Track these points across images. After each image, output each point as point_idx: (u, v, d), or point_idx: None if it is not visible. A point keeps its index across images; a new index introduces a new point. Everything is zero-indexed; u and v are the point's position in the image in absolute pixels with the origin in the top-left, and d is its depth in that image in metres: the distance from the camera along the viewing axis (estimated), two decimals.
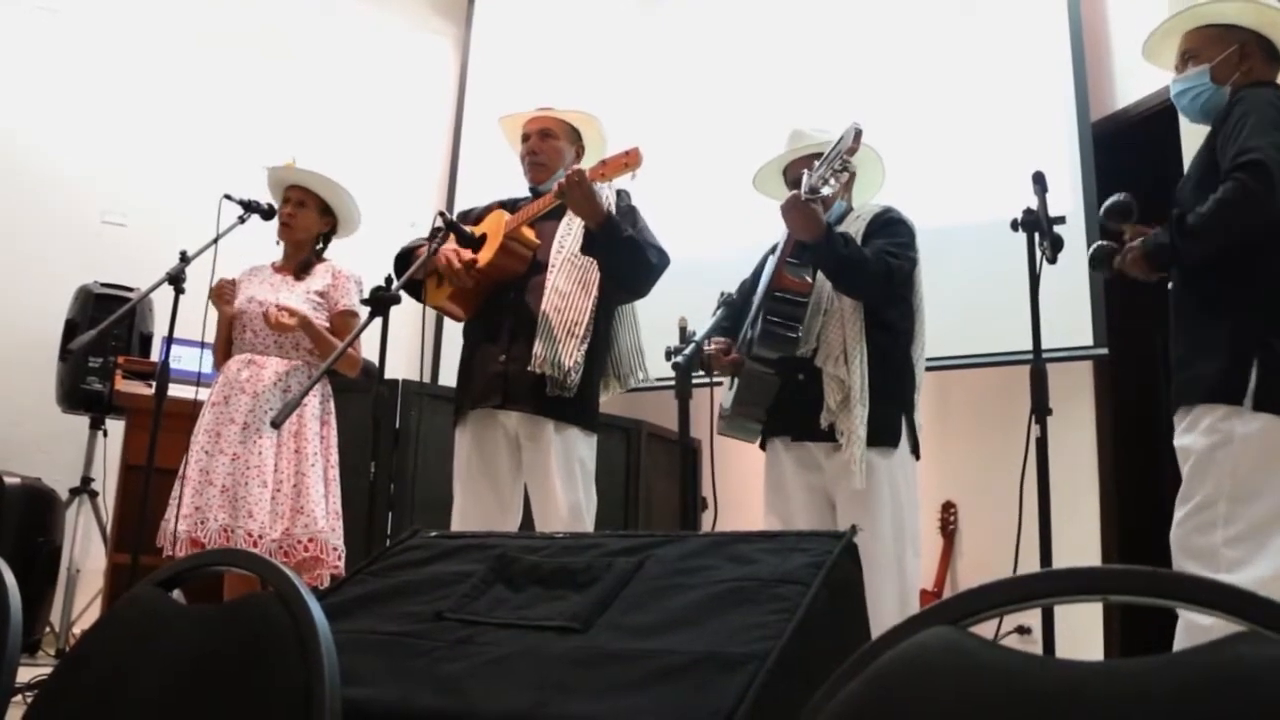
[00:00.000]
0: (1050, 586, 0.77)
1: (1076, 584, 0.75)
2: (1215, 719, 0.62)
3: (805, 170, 2.49)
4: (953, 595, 0.76)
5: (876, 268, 2.49)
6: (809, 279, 2.53)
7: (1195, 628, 1.84)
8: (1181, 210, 2.12)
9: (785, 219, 2.48)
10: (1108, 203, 2.24)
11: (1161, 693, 0.65)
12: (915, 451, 2.58)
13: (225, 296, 3.22)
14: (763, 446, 2.70)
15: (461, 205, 4.23)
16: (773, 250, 2.71)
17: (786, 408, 2.57)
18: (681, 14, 5.40)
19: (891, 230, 2.60)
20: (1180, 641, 1.94)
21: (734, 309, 2.63)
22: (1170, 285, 2.25)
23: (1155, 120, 2.40)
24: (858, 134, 2.35)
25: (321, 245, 3.37)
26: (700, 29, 5.27)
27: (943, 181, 4.18)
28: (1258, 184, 1.99)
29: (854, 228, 2.62)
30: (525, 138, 2.95)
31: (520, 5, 6.05)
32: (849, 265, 2.47)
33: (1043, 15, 4.23)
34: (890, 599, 2.32)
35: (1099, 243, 2.31)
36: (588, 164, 2.90)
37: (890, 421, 2.50)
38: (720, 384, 2.74)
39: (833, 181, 2.40)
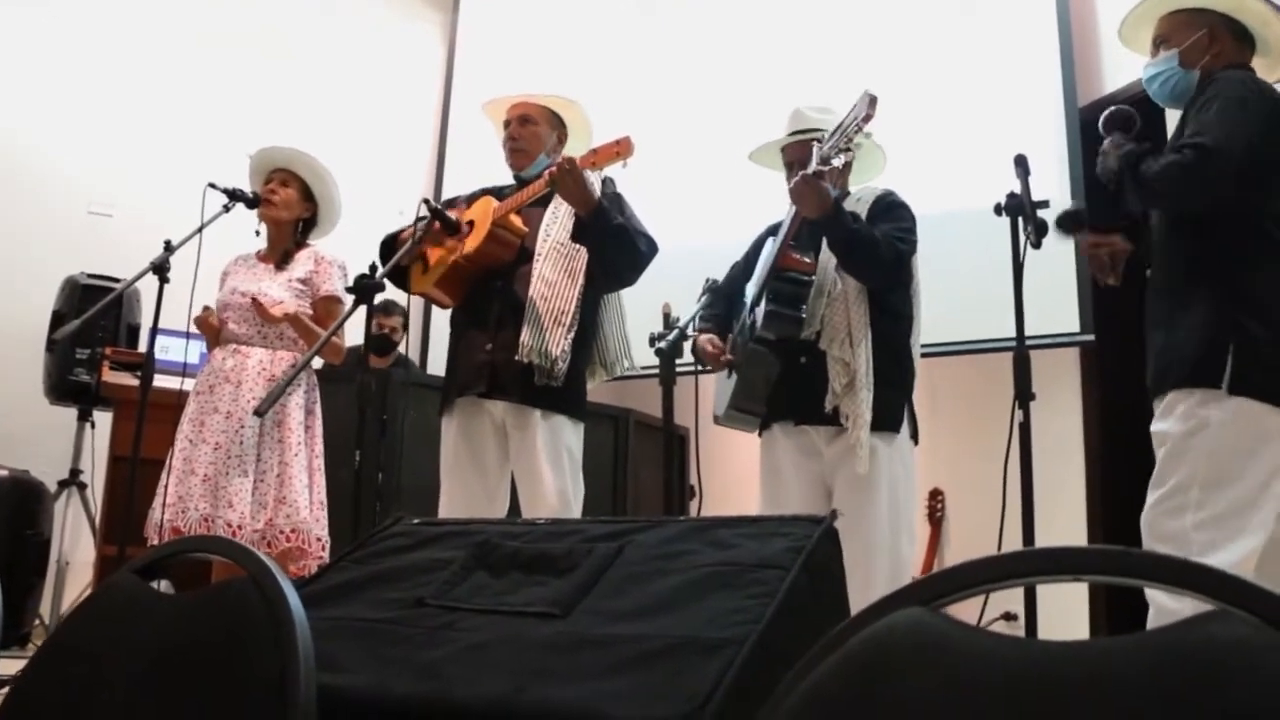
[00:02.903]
0: (1022, 567, 0.77)
1: (1049, 564, 0.75)
2: (1185, 697, 0.62)
3: (815, 143, 2.46)
4: (923, 576, 0.76)
5: (886, 250, 2.47)
6: (812, 260, 2.51)
7: (1164, 612, 1.83)
8: (1148, 149, 2.11)
9: (793, 197, 2.45)
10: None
11: (1132, 672, 0.65)
12: (915, 437, 2.57)
13: (207, 326, 3.19)
14: (760, 433, 2.69)
15: (449, 192, 4.22)
16: (772, 232, 2.69)
17: (789, 391, 2.54)
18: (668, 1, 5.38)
19: (896, 214, 2.58)
20: (1152, 626, 1.93)
21: (719, 296, 2.62)
22: (1148, 271, 2.25)
23: (1142, 106, 2.40)
24: (872, 100, 2.30)
25: (301, 232, 3.32)
26: (687, 15, 5.26)
27: (929, 167, 4.17)
28: (1196, 164, 1.99)
29: (855, 211, 2.59)
30: (507, 124, 2.94)
31: None
32: (860, 242, 2.45)
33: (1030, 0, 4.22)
34: (882, 585, 2.30)
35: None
36: (571, 148, 2.89)
37: (893, 407, 2.48)
38: (708, 370, 2.73)
39: (848, 151, 2.35)
